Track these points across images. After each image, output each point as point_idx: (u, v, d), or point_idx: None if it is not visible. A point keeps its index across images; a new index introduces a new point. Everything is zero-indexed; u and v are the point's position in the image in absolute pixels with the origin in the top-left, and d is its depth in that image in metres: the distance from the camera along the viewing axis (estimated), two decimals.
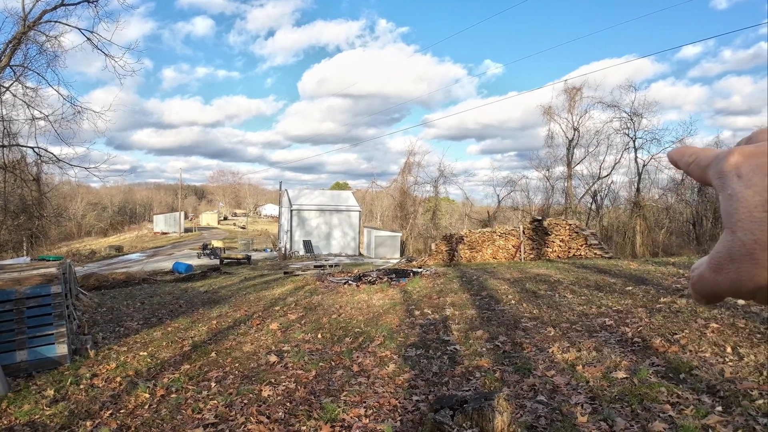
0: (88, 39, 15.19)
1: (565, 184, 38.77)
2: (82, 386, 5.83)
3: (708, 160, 0.41)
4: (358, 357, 6.40)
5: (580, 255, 17.67)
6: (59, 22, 15.13)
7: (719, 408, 3.97)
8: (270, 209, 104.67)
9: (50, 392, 5.63)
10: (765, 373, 4.58)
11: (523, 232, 19.31)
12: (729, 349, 5.26)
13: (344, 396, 5.03)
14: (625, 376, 4.83)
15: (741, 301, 7.10)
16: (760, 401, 3.98)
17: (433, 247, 22.11)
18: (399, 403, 4.78)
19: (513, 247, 19.45)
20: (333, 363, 6.22)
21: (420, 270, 14.87)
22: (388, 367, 5.87)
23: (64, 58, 16.74)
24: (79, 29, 15.12)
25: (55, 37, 15.59)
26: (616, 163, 37.01)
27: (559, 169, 39.51)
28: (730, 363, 4.92)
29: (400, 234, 42.38)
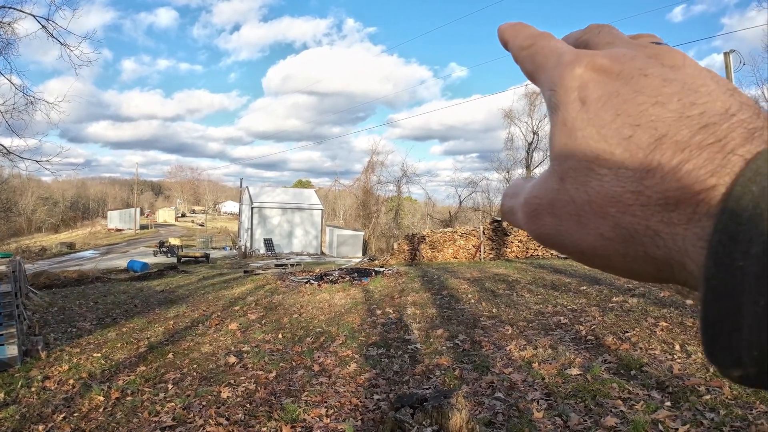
0: (44, 27, 14.59)
1: None
2: (33, 389, 5.62)
3: (545, 58, 0.30)
4: (319, 357, 6.39)
5: (538, 255, 18.13)
6: (13, 8, 14.49)
7: (668, 403, 4.16)
8: (230, 206, 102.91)
9: (0, 395, 5.41)
10: (712, 369, 4.82)
11: (484, 233, 19.65)
12: (677, 347, 5.52)
13: (305, 396, 5.02)
14: (579, 372, 4.99)
15: (689, 301, 7.44)
16: (707, 396, 4.18)
17: (395, 246, 22.23)
18: (360, 402, 4.81)
19: (473, 247, 19.77)
20: (294, 363, 6.20)
21: (382, 269, 14.93)
22: (350, 366, 5.89)
23: (18, 46, 15.98)
24: (33, 16, 14.50)
25: (9, 24, 14.91)
26: None
27: (519, 172, 40.39)
28: (679, 360, 5.15)
29: (363, 233, 42.38)
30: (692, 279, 0.24)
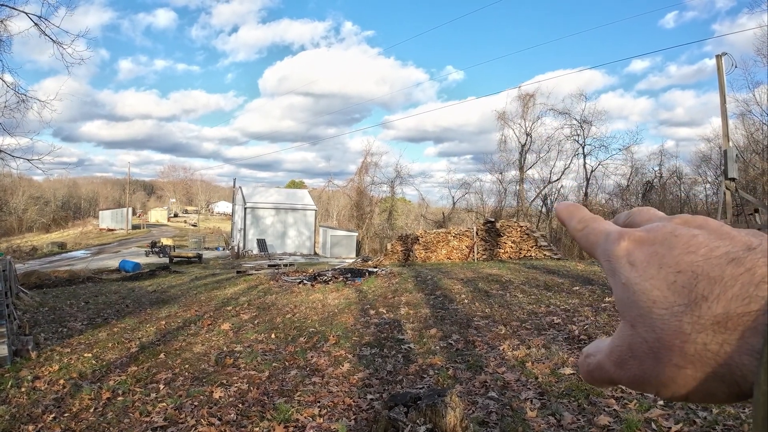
0: (36, 24, 14.45)
1: (518, 188, 39.76)
2: (23, 389, 5.56)
3: (596, 237, 0.38)
4: (312, 357, 6.37)
5: (531, 256, 18.17)
6: (5, 6, 14.33)
7: (661, 402, 4.17)
8: (223, 207, 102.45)
9: None
10: None
11: (477, 234, 19.68)
12: None
13: (298, 396, 4.99)
14: (572, 372, 5.00)
15: None
16: None
17: (388, 247, 22.22)
18: (353, 401, 4.79)
19: (467, 247, 19.79)
20: (287, 363, 6.17)
21: (375, 270, 14.92)
22: (343, 366, 5.87)
23: (9, 43, 15.78)
24: (26, 13, 14.35)
25: (1, 21, 14.76)
26: (565, 168, 38.33)
27: (512, 173, 40.53)
28: None
29: (356, 234, 42.34)
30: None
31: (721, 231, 0.33)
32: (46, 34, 14.56)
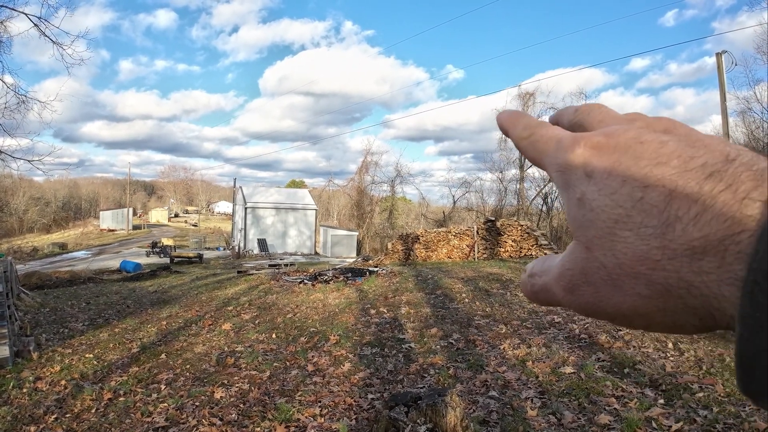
0: (36, 25, 14.45)
1: (518, 186, 39.77)
2: (25, 390, 5.57)
3: (545, 145, 0.33)
4: (313, 356, 6.38)
5: (532, 255, 18.17)
6: (5, 7, 14.34)
7: (661, 401, 4.18)
8: (223, 206, 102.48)
9: None
10: (704, 367, 4.85)
11: (477, 233, 19.68)
12: (670, 345, 5.55)
13: (299, 396, 5.00)
14: (572, 371, 5.01)
15: None
16: (700, 394, 4.21)
17: (389, 246, 22.23)
18: (354, 401, 4.79)
19: (467, 246, 19.79)
20: (288, 363, 6.18)
21: (376, 269, 14.92)
22: (344, 366, 5.87)
23: (9, 44, 15.76)
24: (26, 14, 14.36)
25: (1, 22, 14.77)
26: None
27: (512, 172, 40.52)
28: (672, 358, 5.18)
29: (357, 233, 42.35)
30: (733, 322, 0.24)
31: (693, 138, 0.28)
32: (46, 35, 14.57)
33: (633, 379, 4.69)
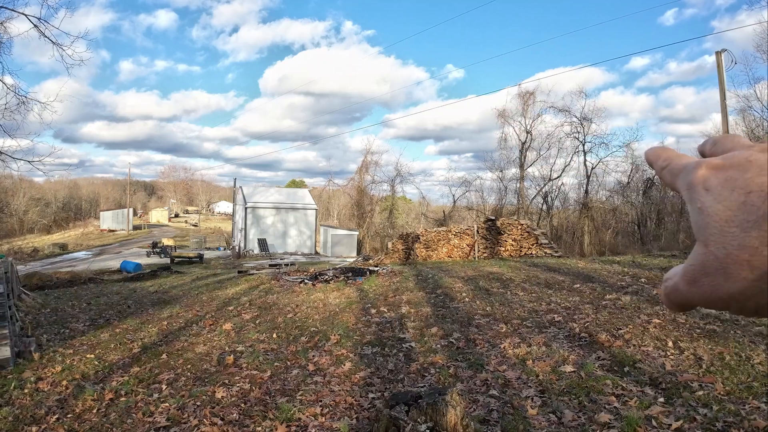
0: (35, 26, 14.45)
1: (518, 186, 39.75)
2: (26, 390, 5.58)
3: (678, 169, 0.41)
4: (314, 356, 6.39)
5: (532, 254, 18.18)
6: (5, 8, 14.33)
7: (661, 399, 4.18)
8: (224, 206, 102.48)
9: None
10: (704, 365, 4.86)
11: (477, 232, 19.69)
12: (670, 343, 5.55)
13: (300, 395, 5.01)
14: (572, 369, 5.02)
15: None
16: (700, 392, 4.21)
17: (389, 245, 22.23)
18: (355, 400, 4.81)
19: (467, 246, 19.80)
20: (288, 363, 6.19)
21: (376, 269, 14.93)
22: (344, 365, 5.89)
23: (10, 45, 15.75)
24: (25, 15, 14.35)
25: (1, 23, 14.76)
26: (566, 166, 38.29)
27: (512, 171, 40.50)
28: (672, 356, 5.19)
29: (357, 233, 42.36)
30: None
31: None
32: (46, 36, 14.57)
33: (633, 378, 4.70)
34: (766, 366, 4.71)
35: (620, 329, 6.25)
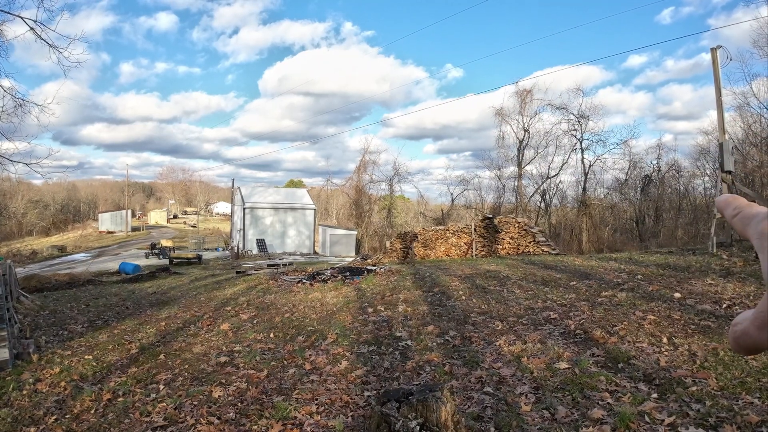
0: (32, 29, 14.45)
1: (516, 184, 39.78)
2: (25, 392, 5.61)
3: (748, 219, 0.45)
4: (310, 355, 6.42)
5: (529, 251, 18.21)
6: (1, 11, 14.32)
7: (655, 395, 4.21)
8: (222, 207, 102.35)
9: None
10: (698, 361, 4.88)
11: (475, 230, 19.72)
12: (665, 340, 5.58)
13: (296, 394, 5.04)
14: (567, 366, 5.05)
15: (677, 294, 7.53)
16: (694, 388, 4.24)
17: (388, 245, 22.27)
18: (351, 399, 4.84)
19: (465, 244, 19.83)
20: (285, 362, 6.22)
21: (374, 268, 14.96)
22: (341, 364, 5.91)
23: (6, 48, 15.75)
24: (22, 18, 14.35)
25: None
26: (564, 164, 38.35)
27: (510, 169, 40.52)
28: (666, 352, 5.21)
29: (356, 232, 42.39)
30: None
31: None
32: (43, 39, 14.56)
33: (627, 374, 4.73)
34: (759, 362, 4.74)
35: (615, 326, 6.28)
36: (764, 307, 0.39)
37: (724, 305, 6.72)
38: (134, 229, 68.52)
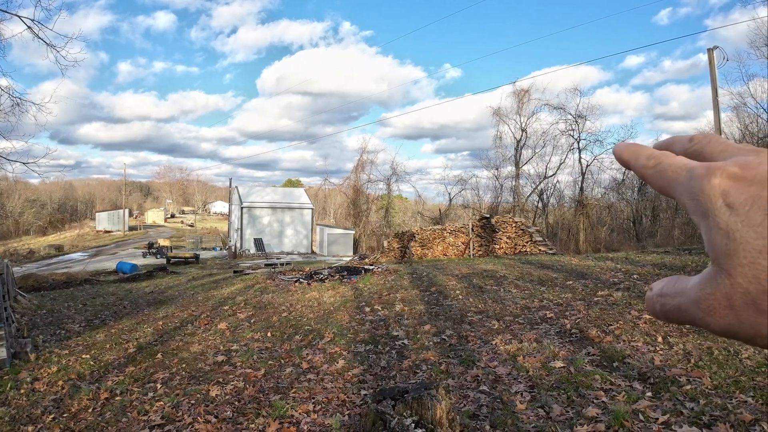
0: (29, 27, 14.44)
1: (513, 183, 39.85)
2: (22, 391, 5.62)
3: (675, 173, 0.34)
4: (307, 354, 6.44)
5: (526, 251, 18.27)
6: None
7: (649, 393, 4.24)
8: (220, 207, 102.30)
9: None
10: (693, 360, 4.92)
11: (472, 230, 19.77)
12: (660, 339, 5.61)
13: (293, 393, 5.06)
14: (562, 365, 5.08)
15: None
16: (688, 387, 4.27)
17: (385, 244, 22.30)
18: (347, 397, 4.86)
19: (463, 244, 19.88)
20: (282, 361, 6.24)
21: (372, 267, 14.98)
22: (338, 363, 5.94)
23: (4, 47, 15.74)
24: (19, 17, 14.33)
25: None
26: (561, 163, 38.41)
27: (508, 169, 40.57)
28: (661, 351, 5.25)
29: (353, 232, 42.42)
30: None
31: None
32: (40, 38, 14.54)
33: (622, 373, 4.77)
34: (753, 361, 4.77)
35: (611, 325, 6.32)
36: (712, 289, 0.32)
37: None
38: (131, 229, 68.43)
